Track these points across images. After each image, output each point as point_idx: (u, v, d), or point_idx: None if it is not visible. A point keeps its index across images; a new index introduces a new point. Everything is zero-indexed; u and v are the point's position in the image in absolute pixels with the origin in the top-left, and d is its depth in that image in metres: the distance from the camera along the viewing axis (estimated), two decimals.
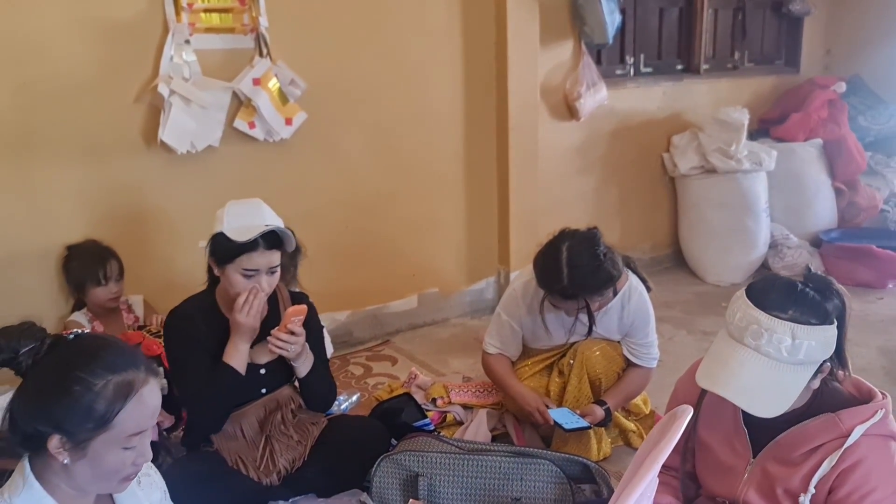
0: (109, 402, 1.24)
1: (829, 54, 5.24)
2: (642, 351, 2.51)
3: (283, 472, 2.19)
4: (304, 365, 2.21)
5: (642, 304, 2.47)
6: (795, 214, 4.59)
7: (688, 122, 4.50)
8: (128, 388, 1.26)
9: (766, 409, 1.46)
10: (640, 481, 0.87)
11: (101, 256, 2.75)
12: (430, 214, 3.71)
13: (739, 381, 1.46)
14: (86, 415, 1.23)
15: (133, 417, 1.26)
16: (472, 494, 1.95)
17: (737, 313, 1.49)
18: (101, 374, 1.25)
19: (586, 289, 2.28)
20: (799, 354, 1.42)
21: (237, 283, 2.07)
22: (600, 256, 2.27)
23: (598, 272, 2.26)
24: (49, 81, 2.70)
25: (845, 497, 1.47)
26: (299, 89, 3.14)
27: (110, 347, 1.32)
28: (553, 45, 3.85)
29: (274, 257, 2.07)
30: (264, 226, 2.02)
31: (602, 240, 2.33)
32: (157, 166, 2.95)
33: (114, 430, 1.25)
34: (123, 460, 1.28)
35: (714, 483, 1.69)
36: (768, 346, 1.43)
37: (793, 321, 1.43)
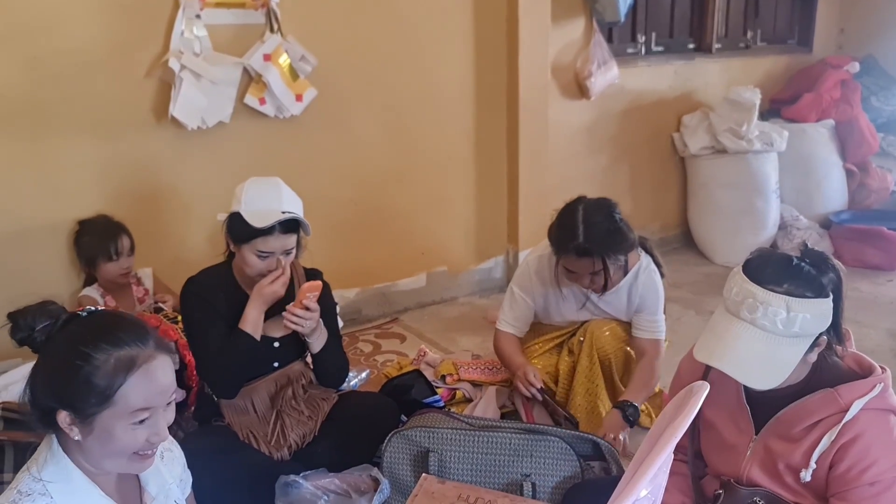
0: (110, 376, 1.23)
1: (842, 34, 5.19)
2: (651, 326, 2.51)
3: (293, 446, 2.21)
4: (318, 341, 2.22)
5: (652, 282, 2.47)
6: (805, 195, 4.58)
7: (699, 102, 4.48)
8: (130, 363, 1.25)
9: (761, 381, 1.47)
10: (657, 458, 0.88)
11: (112, 232, 2.76)
12: (440, 193, 3.71)
13: (735, 354, 1.47)
14: (87, 389, 1.23)
15: (137, 392, 1.25)
16: (482, 470, 1.97)
17: (733, 288, 1.50)
18: (104, 349, 1.24)
19: (601, 245, 2.27)
20: (794, 327, 1.43)
21: (252, 263, 2.08)
22: (616, 218, 2.30)
23: (614, 232, 2.29)
24: (60, 57, 2.70)
25: (845, 471, 1.48)
26: (310, 65, 3.13)
27: (119, 323, 1.32)
28: (564, 23, 3.83)
29: (289, 241, 2.08)
30: (281, 213, 2.02)
31: (618, 208, 2.36)
32: (168, 142, 2.95)
33: (117, 405, 1.24)
34: (135, 437, 1.27)
35: (718, 461, 1.70)
36: (764, 319, 1.44)
37: (788, 294, 1.44)
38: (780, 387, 1.52)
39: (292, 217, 2.05)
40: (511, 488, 1.93)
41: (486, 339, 2.90)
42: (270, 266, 2.08)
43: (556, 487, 1.94)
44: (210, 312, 2.12)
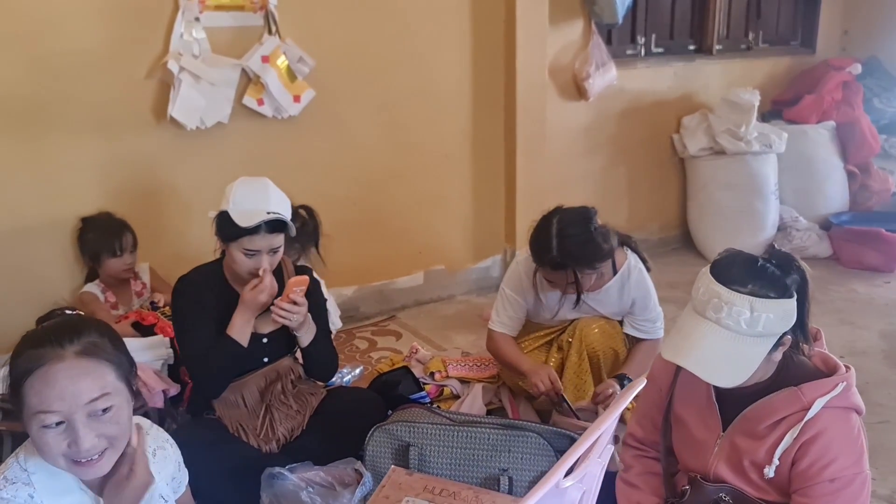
0: (18, 371, 1.23)
1: (846, 35, 5.17)
2: (647, 326, 2.54)
3: (282, 440, 2.26)
4: (307, 335, 2.26)
5: (642, 281, 2.50)
6: (806, 197, 4.58)
7: (699, 104, 4.50)
8: (36, 361, 1.22)
9: (726, 379, 1.50)
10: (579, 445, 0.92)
11: (116, 228, 2.83)
12: (438, 192, 3.75)
13: (700, 353, 1.50)
14: (10, 383, 1.25)
15: (34, 393, 1.22)
16: (460, 464, 2.01)
17: (700, 288, 1.54)
18: (24, 344, 1.26)
19: (575, 259, 2.31)
20: (758, 327, 1.47)
21: (239, 261, 2.12)
22: (591, 230, 2.32)
23: (588, 244, 2.31)
24: (62, 57, 2.76)
25: (807, 468, 1.51)
26: (308, 67, 3.19)
27: (55, 323, 1.33)
28: (562, 24, 3.86)
29: (275, 240, 2.12)
30: (266, 213, 2.06)
31: (595, 217, 2.37)
32: (167, 141, 3.01)
33: (25, 405, 1.23)
34: (56, 442, 1.23)
35: (688, 457, 1.73)
36: (728, 318, 1.48)
37: (751, 294, 1.47)
38: (746, 385, 1.56)
39: (277, 218, 2.08)
40: (489, 482, 1.98)
41: (481, 337, 2.94)
42: (258, 264, 2.12)
43: (533, 482, 1.97)
44: (199, 313, 2.17)
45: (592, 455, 1.02)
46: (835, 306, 3.70)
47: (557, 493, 0.86)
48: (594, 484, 1.05)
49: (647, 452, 1.87)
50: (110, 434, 1.27)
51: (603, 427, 0.99)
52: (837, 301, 3.77)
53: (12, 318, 2.66)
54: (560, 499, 0.90)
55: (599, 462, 1.06)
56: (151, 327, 2.67)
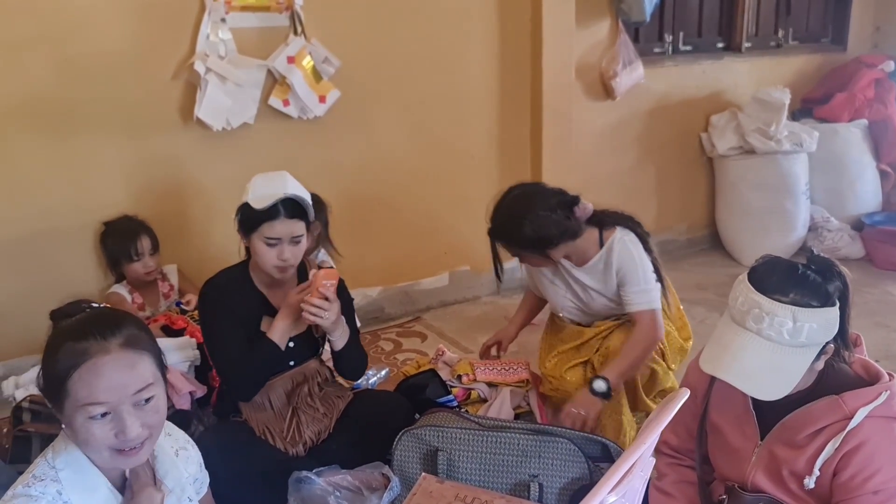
0: (63, 367, 1.24)
1: (878, 32, 5.07)
2: (637, 298, 2.40)
3: (308, 443, 2.24)
4: (341, 338, 2.21)
5: (625, 251, 2.39)
6: (837, 197, 4.50)
7: (727, 102, 4.44)
8: (82, 355, 1.24)
9: (768, 392, 1.46)
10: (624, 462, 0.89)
11: (132, 232, 2.83)
12: (463, 193, 3.72)
13: (742, 365, 1.46)
14: (49, 379, 1.27)
15: (85, 385, 1.24)
16: (489, 470, 1.98)
17: (738, 297, 1.49)
18: (65, 340, 1.27)
19: (500, 235, 2.34)
20: (801, 337, 1.42)
21: (262, 253, 2.10)
22: (533, 212, 2.27)
23: (520, 226, 2.27)
24: (90, 59, 2.78)
25: (849, 480, 1.46)
26: (333, 67, 3.18)
27: (96, 317, 1.33)
28: (589, 23, 3.82)
29: (295, 227, 2.10)
30: (282, 194, 2.05)
31: (553, 200, 2.31)
32: (194, 142, 3.02)
33: (72, 397, 1.24)
34: (102, 432, 1.26)
35: (724, 466, 1.69)
36: (770, 329, 1.43)
37: (794, 304, 1.42)
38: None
39: (292, 196, 2.06)
40: (518, 489, 1.95)
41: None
42: (281, 255, 2.09)
43: (564, 489, 1.94)
44: (229, 319, 2.15)
45: (635, 469, 0.99)
46: (869, 308, 3.62)
47: None
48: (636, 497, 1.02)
49: (682, 461, 1.84)
50: (152, 423, 1.31)
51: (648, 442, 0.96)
52: (871, 303, 3.70)
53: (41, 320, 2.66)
54: None
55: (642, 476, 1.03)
56: (181, 332, 2.67)
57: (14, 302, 2.83)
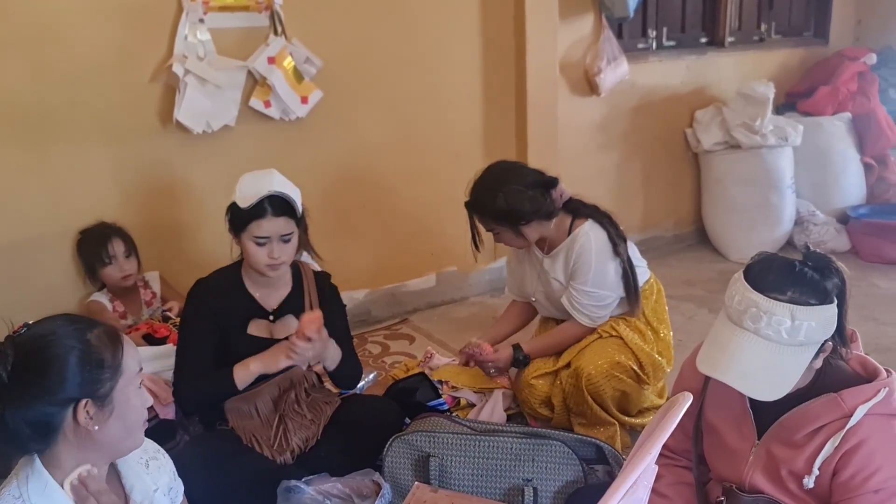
0: (111, 347, 1.29)
1: (860, 25, 5.09)
2: (580, 301, 2.41)
3: (296, 450, 2.20)
4: (332, 361, 2.20)
5: (586, 246, 2.38)
6: (822, 190, 4.50)
7: (712, 97, 4.43)
8: (115, 332, 1.33)
9: (767, 392, 1.44)
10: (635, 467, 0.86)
11: (104, 236, 2.77)
12: (449, 192, 3.65)
13: (739, 366, 1.43)
14: (98, 367, 1.27)
15: (131, 355, 1.33)
16: (483, 475, 1.95)
17: (735, 296, 1.46)
18: (84, 332, 1.28)
19: (475, 206, 2.42)
20: (799, 336, 1.40)
21: (252, 252, 2.09)
22: (508, 185, 2.32)
23: (494, 197, 2.33)
24: (65, 63, 2.71)
25: (849, 479, 1.44)
26: (315, 67, 3.13)
27: (64, 316, 1.34)
28: (573, 19, 3.80)
29: (284, 224, 2.08)
30: (267, 191, 2.03)
31: (530, 177, 2.37)
32: (174, 146, 2.96)
33: (125, 373, 1.31)
34: (142, 401, 1.36)
35: (721, 466, 1.67)
36: (768, 328, 1.41)
37: (792, 302, 1.40)
38: None
39: (278, 194, 2.04)
40: (512, 493, 1.91)
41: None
42: (271, 254, 2.07)
43: (559, 492, 1.91)
44: (205, 326, 2.13)
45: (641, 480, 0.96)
46: (856, 302, 3.57)
47: None
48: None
49: (678, 461, 1.81)
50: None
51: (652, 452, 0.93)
52: (859, 296, 3.67)
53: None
54: None
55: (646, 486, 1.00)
56: (163, 340, 2.62)
57: None
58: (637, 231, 4.24)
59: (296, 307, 2.24)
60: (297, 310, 2.23)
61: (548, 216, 2.37)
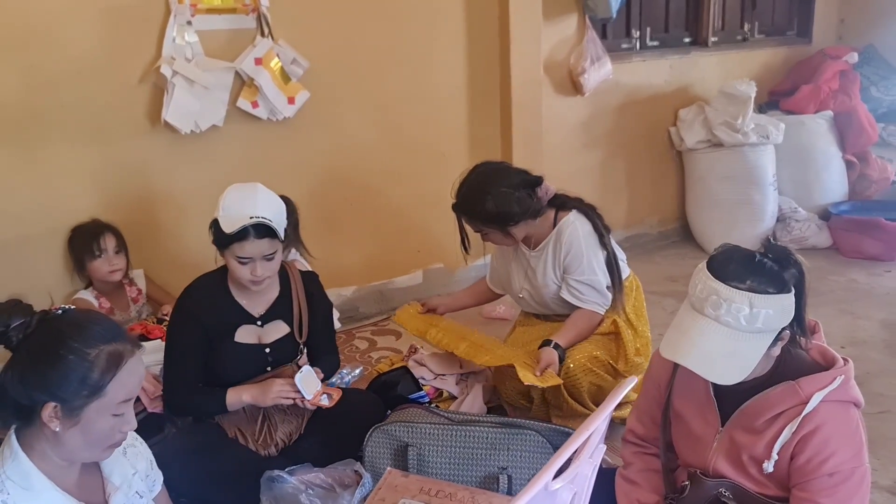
0: (103, 370, 1.31)
1: (842, 24, 5.16)
2: (580, 290, 2.45)
3: (280, 444, 2.26)
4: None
5: (574, 236, 2.44)
6: (805, 187, 4.57)
7: (695, 96, 4.50)
8: (119, 358, 1.33)
9: (725, 376, 1.49)
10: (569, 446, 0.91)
11: (96, 230, 2.83)
12: (435, 191, 3.72)
13: (699, 350, 1.49)
14: (81, 383, 1.29)
15: (123, 385, 1.34)
16: (459, 464, 2.01)
17: (698, 285, 1.52)
18: (93, 344, 1.31)
19: (463, 209, 2.45)
20: (757, 323, 1.46)
21: (235, 269, 2.11)
22: (496, 188, 2.36)
23: (483, 201, 2.37)
24: (54, 64, 2.76)
25: (805, 463, 1.50)
26: (301, 68, 3.18)
27: (98, 320, 1.39)
28: (557, 19, 3.86)
29: (266, 246, 2.08)
30: (249, 218, 2.03)
31: (517, 178, 2.41)
32: (162, 146, 3.01)
33: (106, 397, 1.31)
34: (113, 427, 1.35)
35: (687, 452, 1.73)
36: (727, 315, 1.46)
37: (750, 291, 1.45)
38: (744, 379, 1.55)
39: (260, 222, 2.04)
40: (488, 481, 1.98)
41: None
42: (254, 272, 2.09)
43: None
44: (192, 339, 2.16)
45: (583, 455, 1.02)
46: (835, 296, 3.69)
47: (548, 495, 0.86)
48: (586, 485, 1.04)
49: (648, 449, 1.87)
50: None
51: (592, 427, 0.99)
52: (837, 291, 3.77)
53: None
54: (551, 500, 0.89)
55: (591, 462, 1.06)
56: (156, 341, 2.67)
57: None
58: (621, 228, 4.30)
59: (284, 311, 2.27)
60: (285, 313, 2.27)
61: (535, 215, 2.42)
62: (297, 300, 2.30)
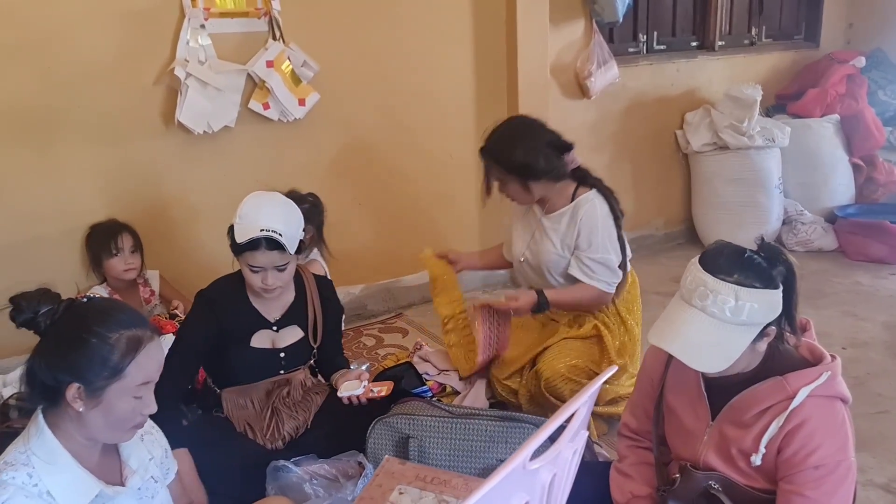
0: (123, 353, 1.38)
1: (850, 28, 5.18)
2: (594, 269, 2.46)
3: (287, 437, 2.31)
4: None
5: (592, 214, 2.45)
6: (811, 190, 4.60)
7: (702, 100, 4.53)
8: (137, 342, 1.41)
9: (707, 364, 1.54)
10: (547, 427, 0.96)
11: (114, 230, 2.92)
12: (443, 191, 3.81)
13: (685, 339, 1.54)
14: (102, 364, 1.37)
15: (142, 368, 1.41)
16: (459, 456, 2.06)
17: (688, 277, 1.57)
18: (114, 329, 1.39)
19: (491, 153, 2.44)
20: (741, 315, 1.50)
21: (248, 276, 2.16)
22: (527, 140, 2.40)
23: (513, 148, 2.39)
24: (71, 66, 2.85)
25: (792, 456, 1.54)
26: (312, 71, 3.25)
27: (120, 307, 1.48)
28: (564, 23, 3.91)
29: (277, 257, 2.11)
30: (259, 231, 2.06)
31: (548, 136, 2.44)
32: (176, 146, 3.09)
33: (125, 379, 1.39)
34: (133, 409, 1.43)
35: (679, 446, 1.77)
36: (713, 306, 1.51)
37: (737, 284, 1.50)
38: (733, 374, 1.60)
39: (269, 236, 2.06)
40: (486, 473, 2.02)
41: None
42: (265, 280, 2.13)
43: None
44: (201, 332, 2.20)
45: (564, 438, 1.07)
46: (838, 298, 3.72)
47: (526, 475, 0.91)
48: (567, 468, 1.09)
49: (641, 442, 1.92)
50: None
51: (573, 408, 1.04)
52: (841, 293, 3.80)
53: None
54: (529, 480, 0.94)
55: (572, 446, 1.11)
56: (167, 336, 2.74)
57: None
58: (628, 229, 4.28)
59: (299, 316, 2.32)
60: (300, 318, 2.32)
61: (557, 177, 2.45)
62: (312, 305, 2.34)
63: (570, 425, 1.08)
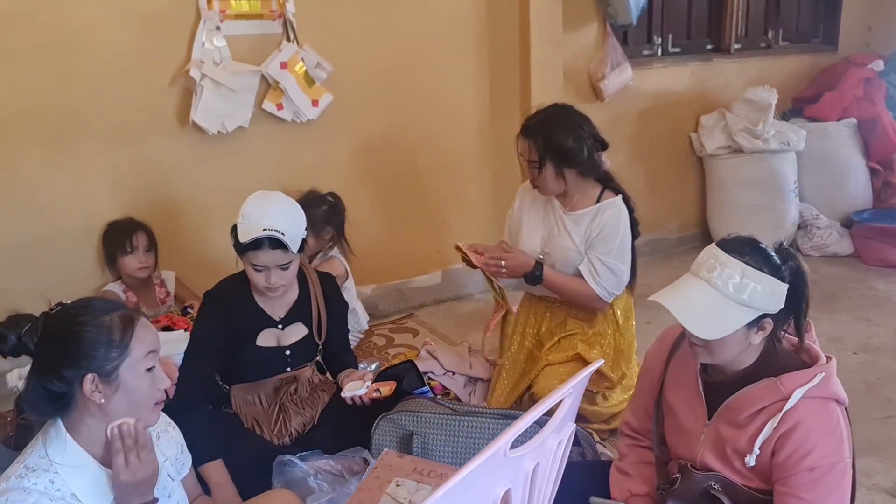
0: (121, 330, 1.41)
1: (870, 31, 5.13)
2: (601, 273, 2.46)
3: (294, 434, 2.34)
4: None
5: (616, 218, 2.46)
6: (828, 194, 4.57)
7: (717, 103, 4.51)
8: (129, 317, 1.45)
9: (699, 328, 1.56)
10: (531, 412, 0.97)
11: (130, 228, 2.97)
12: (455, 193, 3.83)
13: (684, 302, 1.57)
14: (107, 346, 1.40)
15: (143, 340, 1.44)
16: (461, 453, 2.08)
17: (702, 254, 1.61)
18: (100, 314, 1.42)
19: (543, 132, 2.41)
20: (743, 294, 1.52)
21: (251, 274, 2.19)
22: (577, 127, 2.42)
23: (559, 128, 2.40)
24: (90, 67, 2.91)
25: (786, 458, 1.55)
26: (325, 72, 3.29)
27: (94, 298, 1.51)
28: (578, 26, 3.92)
29: (279, 256, 2.13)
30: (262, 230, 2.07)
31: (592, 130, 2.46)
32: (190, 146, 3.14)
33: (133, 353, 1.41)
34: (150, 384, 1.46)
35: (677, 445, 1.78)
36: (718, 279, 1.54)
37: (745, 263, 1.54)
38: (730, 373, 1.62)
39: (272, 235, 2.08)
40: None
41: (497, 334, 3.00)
42: (268, 279, 2.16)
43: None
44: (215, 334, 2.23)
45: (548, 426, 1.08)
46: (852, 303, 3.70)
47: (507, 462, 0.93)
48: (551, 458, 1.11)
49: (642, 441, 1.93)
50: None
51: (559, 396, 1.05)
52: (856, 298, 3.77)
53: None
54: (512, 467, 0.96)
55: (557, 437, 1.12)
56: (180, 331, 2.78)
57: (18, 300, 2.94)
58: (642, 233, 4.32)
59: (303, 313, 2.35)
60: (304, 316, 2.35)
61: (591, 171, 2.47)
62: (316, 302, 2.37)
63: (556, 415, 1.10)
